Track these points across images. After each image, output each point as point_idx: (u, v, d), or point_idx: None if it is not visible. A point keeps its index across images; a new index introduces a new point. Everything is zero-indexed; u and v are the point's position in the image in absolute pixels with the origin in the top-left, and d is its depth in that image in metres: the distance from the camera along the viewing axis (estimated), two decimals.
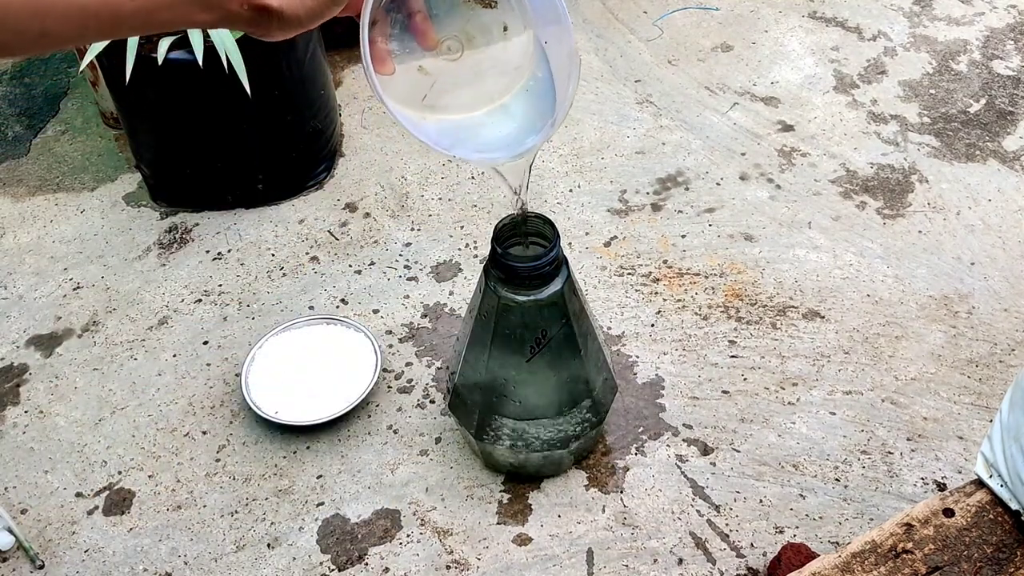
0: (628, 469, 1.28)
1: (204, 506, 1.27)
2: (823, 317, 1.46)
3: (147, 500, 1.28)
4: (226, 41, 1.43)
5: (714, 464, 1.28)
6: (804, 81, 1.94)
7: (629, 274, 1.55)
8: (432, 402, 1.37)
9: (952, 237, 1.59)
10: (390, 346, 1.45)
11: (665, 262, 1.56)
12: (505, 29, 0.59)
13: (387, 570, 1.19)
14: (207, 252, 1.63)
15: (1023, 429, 0.88)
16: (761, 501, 1.23)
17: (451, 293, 1.53)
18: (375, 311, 1.51)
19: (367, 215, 1.69)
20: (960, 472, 1.25)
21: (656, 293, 1.51)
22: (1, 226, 1.72)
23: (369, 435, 1.34)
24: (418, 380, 1.40)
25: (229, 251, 1.63)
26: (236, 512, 1.26)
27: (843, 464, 1.27)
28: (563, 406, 1.13)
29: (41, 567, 1.21)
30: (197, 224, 1.69)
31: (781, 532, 1.20)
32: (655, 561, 1.17)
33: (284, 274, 1.58)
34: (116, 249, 1.65)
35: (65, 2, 0.47)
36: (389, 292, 1.54)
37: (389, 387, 1.39)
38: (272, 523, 1.24)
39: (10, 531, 1.19)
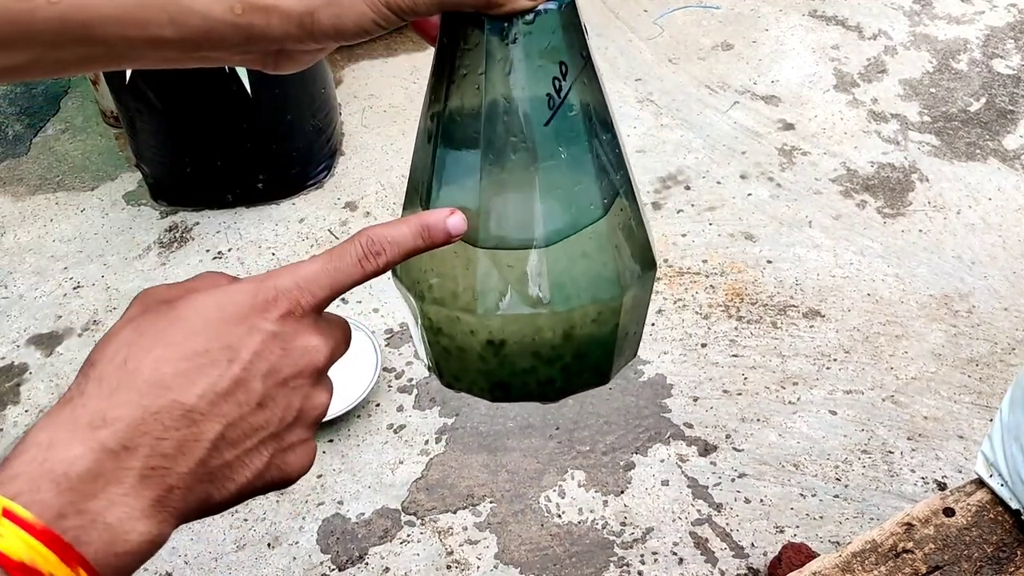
0: (628, 469, 1.28)
1: None
2: (823, 316, 1.46)
3: None
4: None
5: (714, 464, 1.28)
6: (804, 80, 1.94)
7: None
8: (432, 401, 1.37)
9: (952, 236, 1.59)
10: (389, 344, 1.45)
11: (666, 261, 1.56)
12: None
13: (387, 570, 1.19)
14: (207, 251, 1.63)
15: (1023, 428, 0.88)
16: (762, 501, 1.23)
17: None
18: (375, 310, 1.51)
19: (367, 214, 1.69)
20: (960, 471, 1.25)
21: (656, 292, 1.51)
22: (1, 225, 1.72)
23: (369, 435, 1.34)
24: (418, 380, 1.40)
25: (229, 250, 1.63)
26: (236, 512, 1.26)
27: (843, 463, 1.27)
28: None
29: None
30: (197, 223, 1.69)
31: (782, 531, 1.20)
32: (655, 561, 1.17)
33: None
34: (116, 248, 1.65)
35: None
36: (389, 291, 1.54)
37: (389, 387, 1.39)
38: (272, 523, 1.24)
39: None
